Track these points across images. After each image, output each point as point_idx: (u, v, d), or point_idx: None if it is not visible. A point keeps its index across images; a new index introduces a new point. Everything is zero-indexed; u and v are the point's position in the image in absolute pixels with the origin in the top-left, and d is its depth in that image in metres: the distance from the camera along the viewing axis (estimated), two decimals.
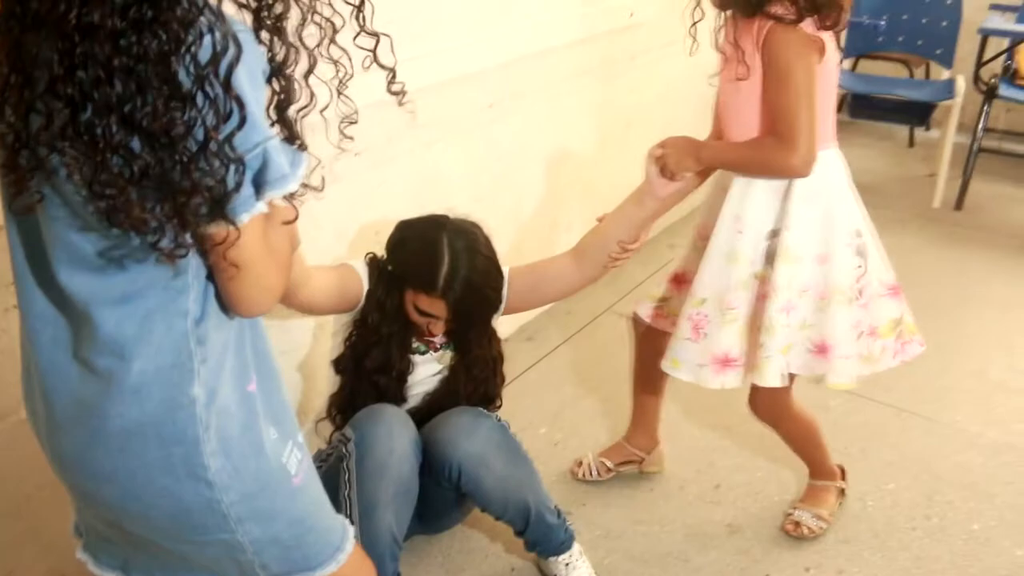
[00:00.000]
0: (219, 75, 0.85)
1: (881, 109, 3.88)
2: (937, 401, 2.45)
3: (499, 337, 1.85)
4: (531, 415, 2.33)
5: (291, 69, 0.94)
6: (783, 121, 1.54)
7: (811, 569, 1.90)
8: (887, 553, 1.94)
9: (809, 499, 2.00)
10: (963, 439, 2.31)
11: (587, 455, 2.16)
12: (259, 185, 0.92)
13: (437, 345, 1.77)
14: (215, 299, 1.00)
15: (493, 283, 1.70)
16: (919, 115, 3.88)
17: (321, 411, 1.84)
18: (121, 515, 1.07)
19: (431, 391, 1.79)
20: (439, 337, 1.75)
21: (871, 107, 3.87)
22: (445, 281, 1.62)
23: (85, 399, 0.99)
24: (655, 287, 1.90)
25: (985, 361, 2.65)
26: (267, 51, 0.92)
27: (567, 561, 1.77)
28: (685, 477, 2.17)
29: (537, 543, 1.75)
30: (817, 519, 1.96)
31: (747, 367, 1.74)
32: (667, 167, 1.68)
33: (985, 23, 3.66)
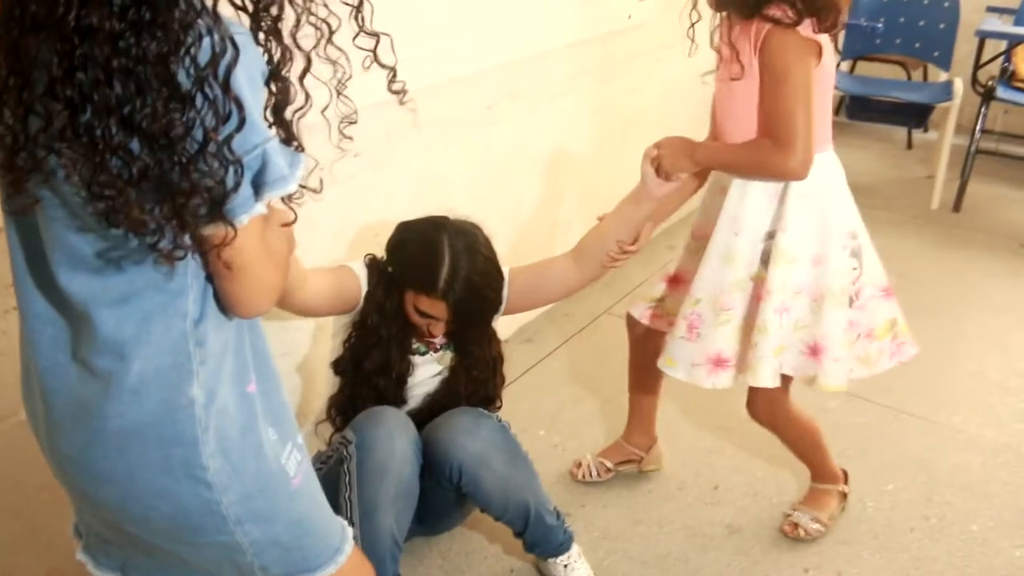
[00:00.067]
0: (218, 77, 0.85)
1: (879, 111, 3.88)
2: (935, 402, 2.45)
3: (499, 338, 1.85)
4: (530, 417, 2.33)
5: (288, 70, 0.94)
6: (781, 124, 1.55)
7: (810, 570, 1.90)
8: (886, 554, 1.94)
9: (809, 502, 2.00)
10: (961, 440, 2.31)
11: (586, 456, 2.16)
12: (258, 186, 0.92)
13: (437, 346, 1.77)
14: (214, 300, 1.00)
15: (493, 284, 1.70)
16: (917, 117, 3.89)
17: (320, 413, 1.84)
18: (120, 516, 1.06)
19: (431, 392, 1.79)
20: (439, 338, 1.75)
21: (869, 109, 3.88)
22: (446, 282, 1.62)
23: (84, 400, 0.99)
24: (650, 288, 1.90)
25: (983, 362, 2.65)
26: (265, 53, 0.92)
27: (566, 562, 1.77)
28: (684, 478, 2.17)
29: (536, 544, 1.75)
30: (815, 522, 1.97)
31: (740, 367, 1.74)
32: (662, 168, 1.68)
33: (982, 25, 3.66)
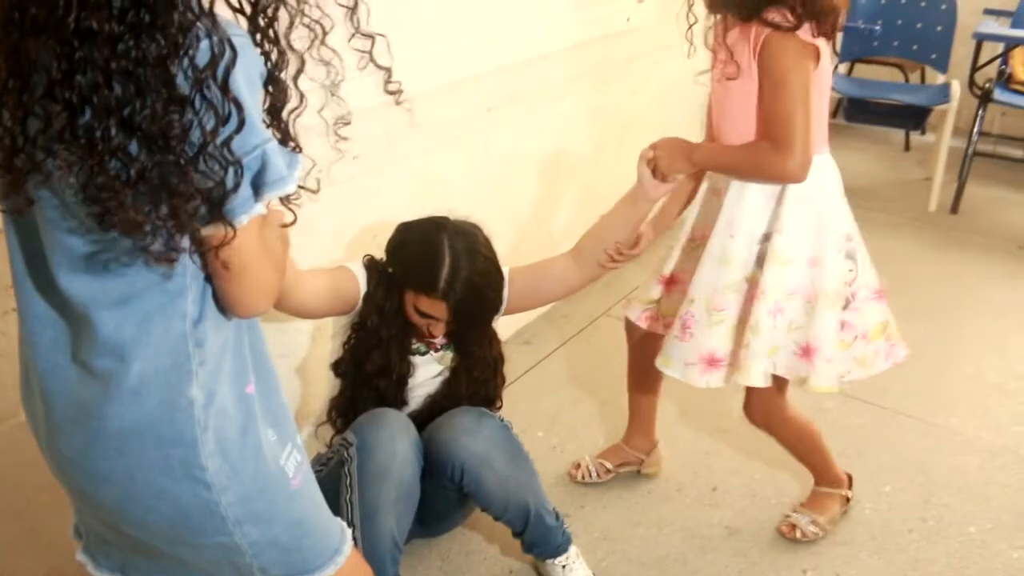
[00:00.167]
0: (217, 78, 0.86)
1: (877, 113, 3.89)
2: (933, 404, 2.45)
3: (499, 339, 1.85)
4: (529, 418, 2.33)
5: (285, 72, 0.95)
6: (779, 126, 1.55)
7: (808, 571, 1.90)
8: (884, 555, 1.95)
9: (810, 504, 2.01)
10: (959, 442, 2.31)
11: (584, 457, 2.16)
12: (257, 187, 0.93)
13: (437, 345, 1.77)
14: (213, 300, 1.01)
15: (494, 284, 1.70)
16: (914, 119, 3.90)
17: (320, 415, 1.84)
18: (119, 518, 1.07)
19: (432, 393, 1.79)
20: (439, 338, 1.75)
21: (867, 111, 3.88)
22: (446, 282, 1.62)
23: (84, 401, 0.99)
24: (645, 290, 1.91)
25: (981, 364, 2.66)
26: (263, 55, 0.93)
27: (564, 563, 1.77)
28: (683, 479, 2.17)
29: (535, 544, 1.76)
30: (814, 525, 1.97)
31: (732, 367, 1.75)
32: (659, 169, 1.69)
33: (979, 27, 3.67)
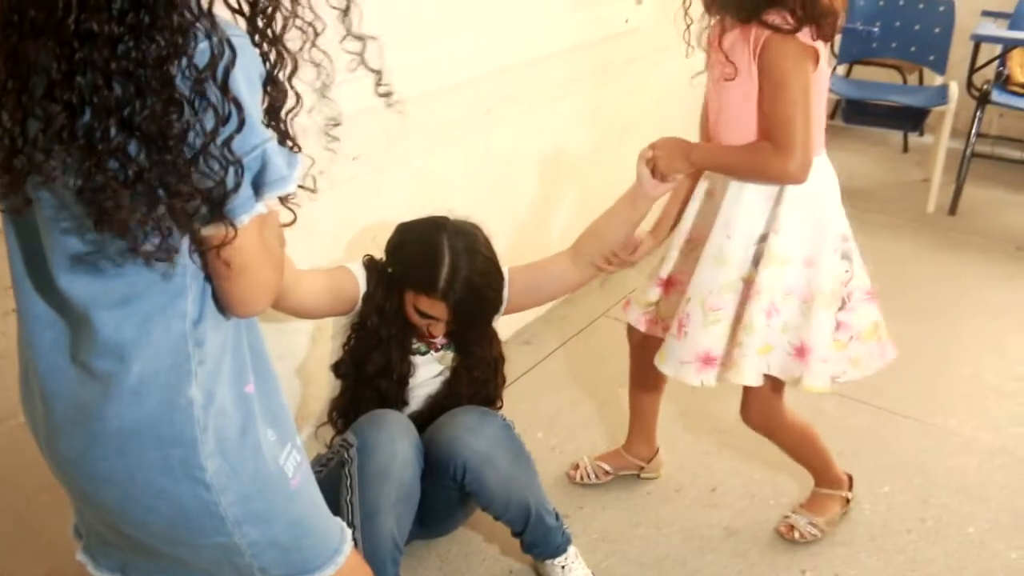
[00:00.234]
0: (217, 79, 0.86)
1: (875, 115, 3.89)
2: (931, 405, 2.46)
3: (500, 338, 1.85)
4: (528, 419, 2.33)
5: (283, 72, 0.95)
6: (780, 128, 1.56)
7: (807, 572, 1.91)
8: (883, 556, 1.95)
9: (809, 505, 2.01)
10: (957, 442, 2.32)
11: (583, 458, 2.17)
12: (258, 186, 0.93)
13: (438, 345, 1.77)
14: (212, 300, 1.01)
15: (494, 284, 1.70)
16: (913, 121, 3.90)
17: (320, 416, 1.84)
18: (119, 518, 1.07)
19: (433, 394, 1.79)
20: (439, 338, 1.75)
21: (865, 113, 3.89)
22: (446, 282, 1.62)
23: (84, 402, 0.99)
24: (643, 293, 1.91)
25: (979, 365, 2.66)
26: (261, 55, 0.93)
27: (563, 563, 1.77)
28: (682, 480, 2.17)
29: (535, 544, 1.76)
30: (812, 526, 1.97)
31: (725, 365, 1.75)
32: (658, 168, 1.69)
33: (977, 29, 3.68)
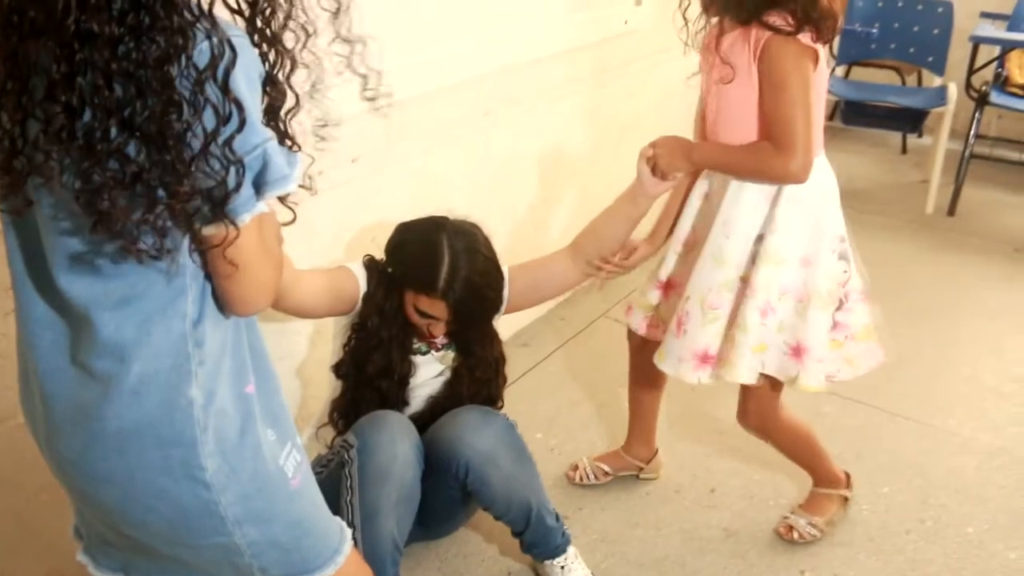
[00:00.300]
0: (217, 79, 0.86)
1: (874, 116, 3.90)
2: (930, 406, 2.46)
3: (500, 338, 1.85)
4: (527, 420, 2.33)
5: (282, 72, 0.96)
6: (780, 128, 1.56)
7: (806, 572, 1.91)
8: (882, 556, 1.95)
9: (808, 505, 2.01)
10: (956, 443, 2.32)
11: (582, 459, 2.17)
12: (259, 186, 0.93)
13: (439, 345, 1.77)
14: (212, 300, 1.01)
15: (493, 283, 1.70)
16: (911, 122, 3.90)
17: (320, 417, 1.84)
18: (119, 518, 1.07)
19: (434, 394, 1.79)
20: (440, 337, 1.76)
21: (864, 114, 3.89)
22: (445, 282, 1.62)
23: (84, 402, 0.99)
24: (643, 296, 1.91)
25: (978, 366, 2.66)
26: (260, 55, 0.94)
27: (563, 563, 1.78)
28: (681, 481, 2.17)
29: (535, 544, 1.76)
30: (811, 526, 1.97)
31: (719, 363, 1.75)
32: (658, 167, 1.70)
33: (976, 31, 3.69)
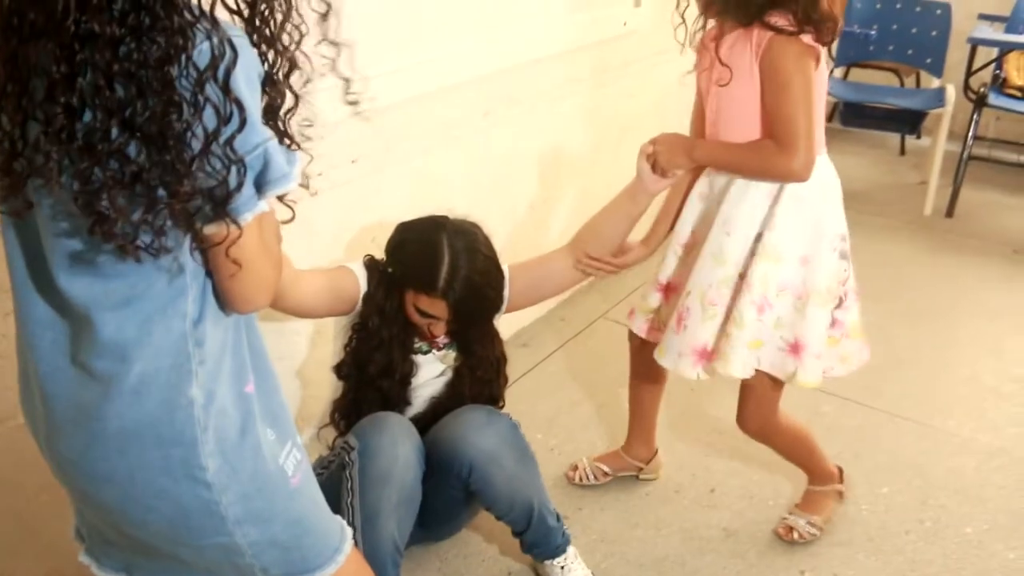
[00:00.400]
0: (218, 79, 0.87)
1: (872, 117, 3.90)
2: (929, 406, 2.46)
3: (501, 338, 1.85)
4: (526, 420, 2.30)
5: (281, 72, 0.96)
6: (783, 127, 1.57)
7: (806, 572, 1.91)
8: (881, 556, 1.95)
9: (805, 505, 2.01)
10: (956, 443, 2.32)
11: (582, 460, 2.17)
12: (260, 184, 0.94)
13: (440, 344, 1.77)
14: (212, 299, 1.01)
15: (494, 283, 1.70)
16: (910, 123, 3.91)
17: (321, 417, 1.84)
18: (120, 518, 1.07)
19: (436, 395, 1.79)
20: (441, 337, 1.75)
21: (862, 115, 3.89)
22: (446, 281, 1.62)
23: (84, 403, 1.00)
24: (644, 299, 1.91)
25: (977, 367, 2.67)
26: (259, 55, 0.94)
27: (563, 563, 1.78)
28: (680, 481, 2.18)
29: (536, 544, 1.76)
30: (811, 526, 1.97)
31: (714, 358, 1.75)
32: (659, 164, 1.70)
33: (974, 32, 3.69)
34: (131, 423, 0.99)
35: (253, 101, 0.91)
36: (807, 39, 1.55)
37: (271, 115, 0.97)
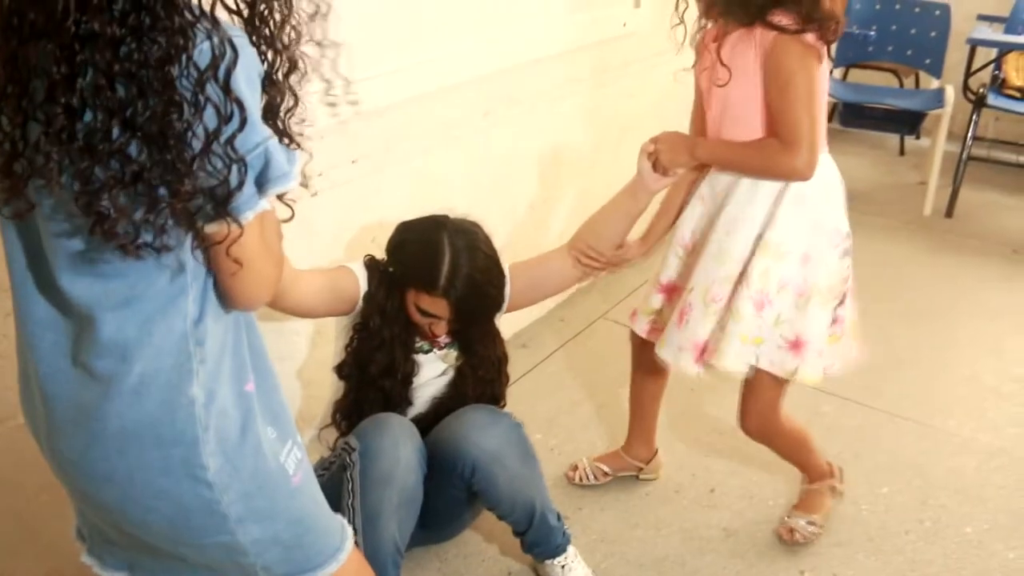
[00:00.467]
0: (218, 79, 0.87)
1: (872, 118, 3.90)
2: (929, 406, 2.46)
3: (502, 337, 1.85)
4: (526, 421, 2.29)
5: (280, 72, 0.96)
6: (786, 126, 1.57)
7: (806, 572, 1.91)
8: (881, 556, 1.95)
9: (803, 504, 2.02)
10: (956, 443, 2.32)
11: (582, 460, 2.17)
12: (261, 183, 0.94)
13: (441, 343, 1.77)
14: (212, 299, 1.02)
15: (495, 281, 1.70)
16: (909, 124, 3.91)
17: (322, 418, 1.84)
18: (120, 518, 1.07)
19: (437, 395, 1.79)
20: (442, 336, 1.75)
21: (862, 116, 3.89)
22: (447, 280, 1.62)
23: (84, 403, 1.00)
24: (646, 300, 1.91)
25: (977, 367, 2.67)
26: (260, 55, 0.94)
27: (563, 563, 1.78)
28: (680, 481, 2.18)
29: (537, 544, 1.76)
30: (811, 525, 1.98)
31: (710, 352, 1.75)
32: (660, 162, 1.71)
33: (973, 33, 3.70)
34: (131, 423, 0.99)
35: (253, 100, 0.91)
36: (810, 38, 1.55)
37: (271, 114, 0.97)
